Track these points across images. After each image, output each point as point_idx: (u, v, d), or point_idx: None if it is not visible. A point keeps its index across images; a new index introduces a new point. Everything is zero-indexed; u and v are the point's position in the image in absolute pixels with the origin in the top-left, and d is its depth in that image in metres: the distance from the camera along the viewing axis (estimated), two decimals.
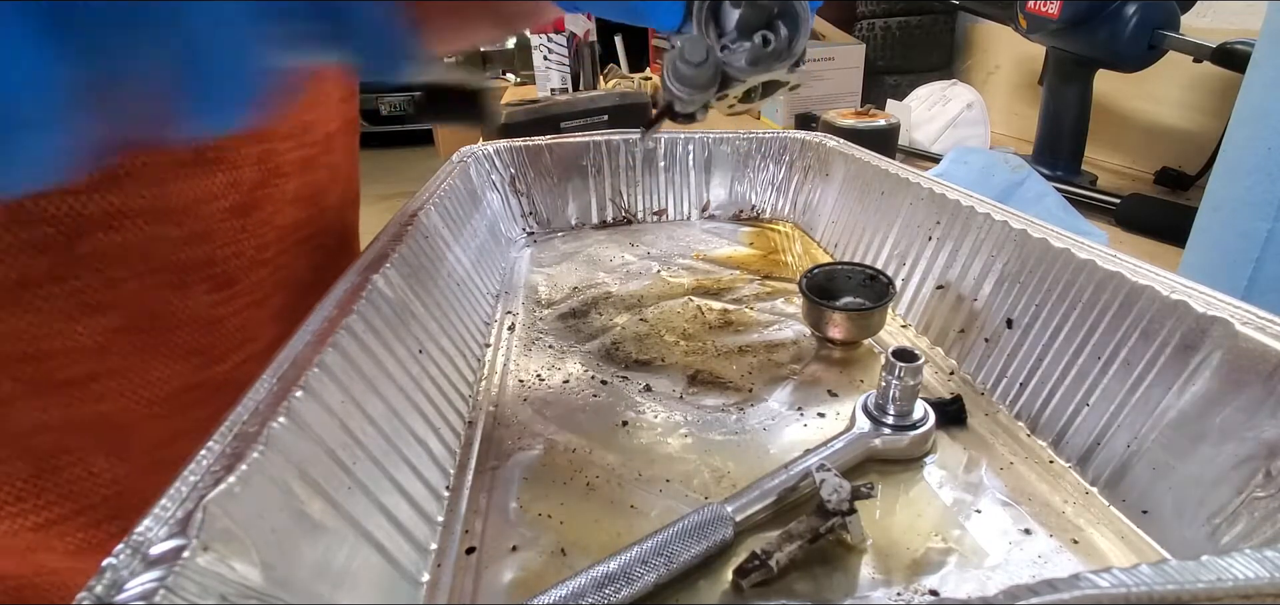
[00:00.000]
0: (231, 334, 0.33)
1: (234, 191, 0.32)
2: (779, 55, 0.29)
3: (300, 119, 0.35)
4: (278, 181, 0.34)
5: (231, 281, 0.33)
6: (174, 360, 0.31)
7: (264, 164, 0.33)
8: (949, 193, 0.43)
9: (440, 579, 0.25)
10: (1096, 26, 0.71)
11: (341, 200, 0.42)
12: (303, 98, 0.35)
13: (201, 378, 0.32)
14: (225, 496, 0.18)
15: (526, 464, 0.31)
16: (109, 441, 0.29)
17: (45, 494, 0.28)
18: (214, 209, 0.31)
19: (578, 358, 0.41)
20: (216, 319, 0.32)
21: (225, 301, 0.32)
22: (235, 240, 0.32)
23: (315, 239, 0.39)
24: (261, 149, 0.32)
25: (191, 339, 0.31)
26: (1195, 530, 0.25)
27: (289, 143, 0.35)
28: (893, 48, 1.21)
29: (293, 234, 0.36)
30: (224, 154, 0.31)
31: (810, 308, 0.41)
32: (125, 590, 0.15)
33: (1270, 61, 0.39)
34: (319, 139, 0.38)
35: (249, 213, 0.33)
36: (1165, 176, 0.79)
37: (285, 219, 0.35)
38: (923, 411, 0.31)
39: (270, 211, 0.34)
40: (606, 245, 0.59)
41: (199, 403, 0.32)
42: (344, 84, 0.41)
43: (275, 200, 0.34)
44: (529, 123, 0.83)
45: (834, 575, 0.25)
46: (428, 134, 3.76)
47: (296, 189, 0.36)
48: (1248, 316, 0.25)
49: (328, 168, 0.39)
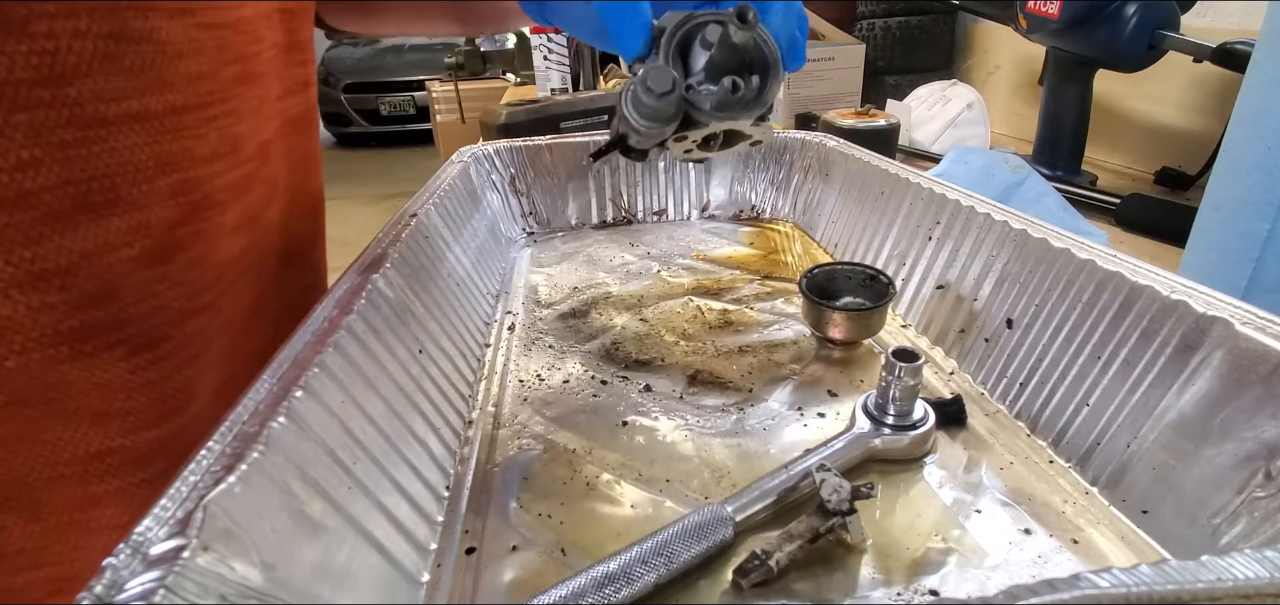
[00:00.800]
0: (164, 399, 0.28)
1: (141, 237, 0.26)
2: (747, 104, 0.28)
3: (228, 134, 0.29)
4: (209, 214, 0.29)
5: (154, 342, 0.28)
6: (78, 425, 0.26)
7: (182, 197, 0.27)
8: (949, 193, 0.43)
9: (440, 579, 0.25)
10: (1096, 26, 0.71)
11: (284, 214, 0.36)
12: (227, 108, 0.29)
13: (121, 443, 0.28)
14: (225, 496, 0.18)
15: (526, 464, 0.31)
16: (16, 502, 0.26)
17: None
18: (114, 262, 0.25)
19: (578, 358, 0.41)
20: (139, 385, 0.27)
21: (149, 365, 0.27)
22: (151, 294, 0.27)
23: (257, 267, 0.34)
24: (174, 180, 0.27)
25: (102, 404, 0.27)
26: (1195, 530, 0.25)
27: (215, 166, 0.29)
28: (893, 48, 1.21)
29: (234, 267, 0.31)
30: (119, 195, 0.25)
31: (810, 308, 0.41)
32: (125, 590, 0.15)
33: (1270, 61, 0.39)
34: (252, 152, 0.32)
35: (167, 258, 0.27)
36: (1165, 176, 0.79)
37: (225, 253, 0.30)
38: (923, 411, 0.31)
39: (202, 250, 0.29)
40: (606, 245, 0.59)
41: (122, 469, 0.28)
42: (286, 77, 0.35)
43: (209, 236, 0.29)
44: (529, 123, 0.83)
45: (834, 575, 0.25)
46: (427, 134, 3.76)
47: (235, 218, 0.31)
48: (1248, 316, 0.25)
49: (264, 182, 0.33)
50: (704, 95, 0.27)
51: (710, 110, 0.27)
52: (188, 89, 0.27)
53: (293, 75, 0.35)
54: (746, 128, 0.29)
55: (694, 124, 0.28)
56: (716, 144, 0.30)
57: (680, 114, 0.28)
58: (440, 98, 3.19)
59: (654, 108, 0.27)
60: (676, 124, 0.28)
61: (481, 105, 1.09)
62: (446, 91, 3.13)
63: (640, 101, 0.27)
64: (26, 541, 0.27)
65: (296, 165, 0.37)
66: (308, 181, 0.39)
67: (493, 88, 2.36)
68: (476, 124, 0.84)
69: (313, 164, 0.40)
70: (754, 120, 0.29)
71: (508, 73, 1.73)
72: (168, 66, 0.26)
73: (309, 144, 0.39)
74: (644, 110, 0.27)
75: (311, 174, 0.40)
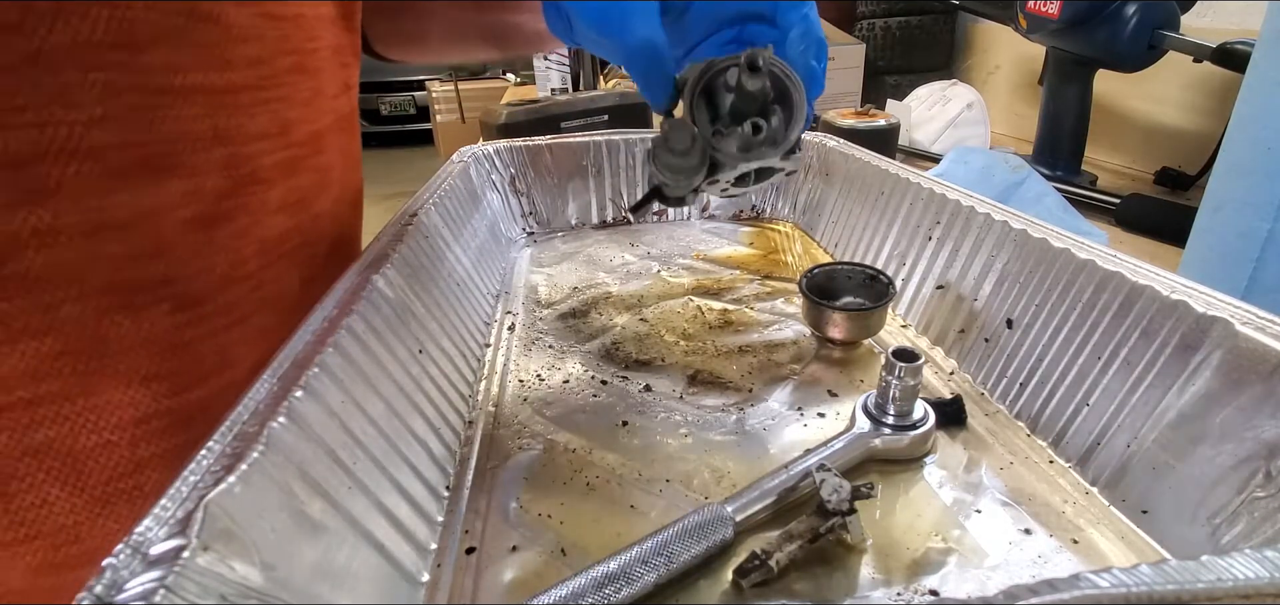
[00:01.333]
0: (203, 358, 0.30)
1: (194, 202, 0.28)
2: (772, 142, 0.28)
3: (278, 117, 0.32)
4: (253, 189, 0.31)
5: (198, 301, 0.29)
6: (128, 386, 0.28)
7: (231, 170, 0.30)
8: (949, 193, 0.43)
9: (440, 579, 0.25)
10: (1096, 26, 0.71)
11: (336, 204, 0.39)
12: (279, 93, 0.31)
13: (166, 406, 0.29)
14: (225, 496, 0.18)
15: (526, 464, 0.31)
16: (61, 471, 0.27)
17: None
18: (168, 222, 0.28)
19: (578, 358, 0.41)
20: (181, 343, 0.29)
21: (191, 324, 0.29)
22: (200, 256, 0.29)
23: (305, 250, 0.36)
24: (225, 153, 0.29)
25: (148, 364, 0.28)
26: (1195, 530, 0.25)
27: (262, 145, 0.31)
28: (893, 48, 1.21)
29: (278, 246, 0.33)
30: (177, 160, 0.27)
31: (810, 308, 0.41)
32: (125, 590, 0.15)
33: (1270, 61, 0.39)
34: (303, 139, 0.34)
35: (215, 225, 0.29)
36: (1165, 176, 0.79)
37: (267, 231, 0.32)
38: (923, 411, 0.31)
39: (245, 223, 0.31)
40: (606, 245, 0.59)
41: (164, 433, 0.29)
42: (338, 77, 0.37)
43: (252, 210, 0.31)
44: (529, 123, 0.83)
45: (834, 575, 0.25)
46: (428, 134, 3.76)
47: (281, 196, 0.33)
48: (1248, 316, 0.25)
49: (316, 170, 0.36)
50: (730, 139, 0.28)
51: (736, 153, 0.28)
52: (246, 70, 0.29)
53: (343, 76, 0.38)
54: (776, 162, 0.30)
55: (722, 167, 0.29)
56: (752, 180, 0.31)
57: (706, 161, 0.28)
58: (440, 98, 3.19)
59: (676, 164, 0.28)
60: (705, 171, 0.29)
61: (481, 105, 1.09)
62: (446, 91, 3.14)
63: (663, 158, 0.28)
64: (69, 516, 0.28)
65: (349, 163, 0.40)
66: (352, 176, 0.42)
67: (493, 88, 2.36)
68: (476, 124, 0.84)
69: (356, 160, 0.42)
70: (783, 154, 0.29)
71: (508, 73, 1.73)
72: (230, 48, 0.28)
73: (353, 142, 0.42)
74: (669, 165, 0.28)
75: (355, 169, 0.42)
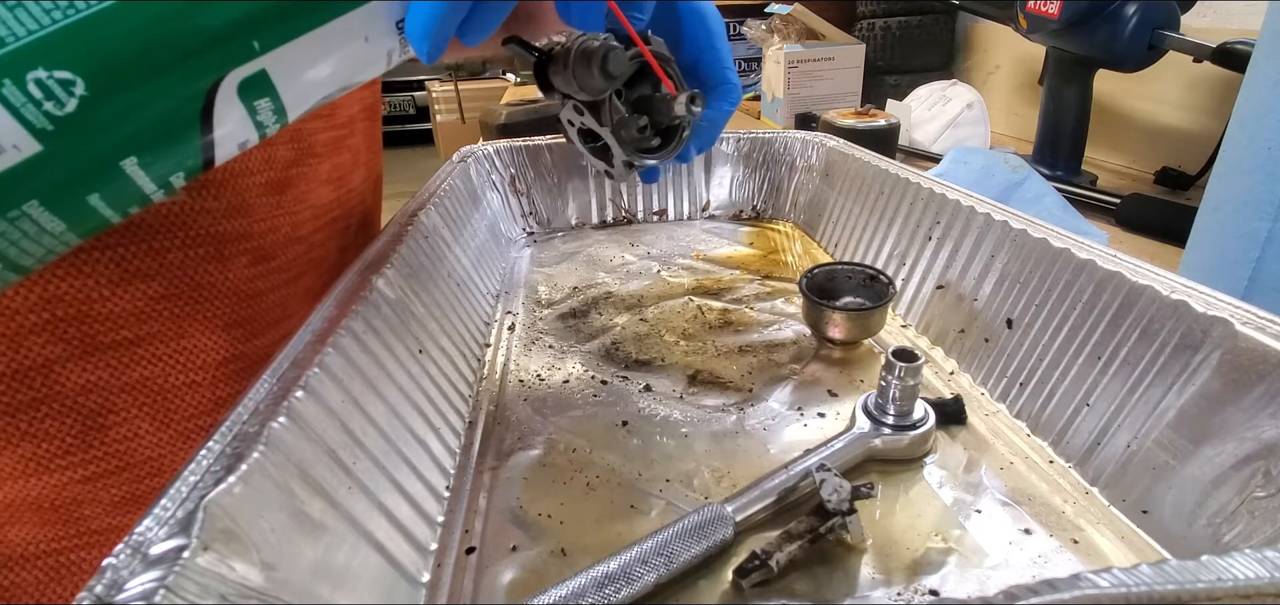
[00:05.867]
0: (269, 309, 0.35)
1: (269, 168, 0.33)
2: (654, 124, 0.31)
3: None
4: (310, 161, 0.36)
5: (269, 256, 0.34)
6: (214, 331, 0.32)
7: (297, 143, 0.34)
8: (949, 193, 0.43)
9: (440, 579, 0.25)
10: (1096, 26, 0.71)
11: (363, 183, 0.43)
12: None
13: (240, 350, 0.33)
14: (225, 496, 0.18)
15: (526, 464, 0.31)
16: (152, 406, 0.31)
17: (92, 450, 0.30)
18: (251, 184, 0.32)
19: (578, 358, 0.41)
20: (255, 293, 0.34)
21: (263, 276, 0.34)
22: (271, 215, 0.34)
23: (342, 220, 0.40)
24: (294, 127, 0.33)
25: (231, 311, 0.33)
26: (1195, 530, 0.25)
27: (318, 122, 0.36)
28: (893, 48, 1.21)
29: (325, 214, 0.38)
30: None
31: (810, 308, 0.41)
32: (125, 590, 0.15)
33: (1270, 61, 0.39)
34: (343, 121, 0.39)
35: (284, 190, 0.34)
36: (1165, 176, 0.79)
37: (318, 199, 0.37)
38: (923, 411, 0.31)
39: (304, 190, 0.36)
40: (606, 245, 0.59)
41: (237, 376, 0.33)
42: None
43: (308, 179, 0.36)
44: (529, 123, 0.83)
45: (834, 575, 0.25)
46: (428, 134, 3.76)
47: (328, 170, 0.37)
48: (1248, 316, 0.25)
49: (351, 150, 0.40)
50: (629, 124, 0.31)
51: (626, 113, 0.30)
52: None
53: None
54: (678, 109, 0.30)
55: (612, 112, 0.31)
56: (657, 143, 0.33)
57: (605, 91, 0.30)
58: (440, 98, 3.19)
59: (596, 86, 0.29)
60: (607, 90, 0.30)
61: (481, 105, 1.09)
62: (446, 91, 3.14)
63: (587, 79, 0.29)
64: (154, 448, 0.31)
65: (373, 148, 0.44)
66: (375, 160, 0.46)
67: (492, 88, 2.36)
68: (476, 124, 0.84)
69: (378, 146, 0.47)
70: (685, 103, 0.29)
71: (507, 73, 1.73)
72: None
73: (376, 128, 0.46)
74: (587, 85, 0.29)
75: (377, 154, 0.46)
